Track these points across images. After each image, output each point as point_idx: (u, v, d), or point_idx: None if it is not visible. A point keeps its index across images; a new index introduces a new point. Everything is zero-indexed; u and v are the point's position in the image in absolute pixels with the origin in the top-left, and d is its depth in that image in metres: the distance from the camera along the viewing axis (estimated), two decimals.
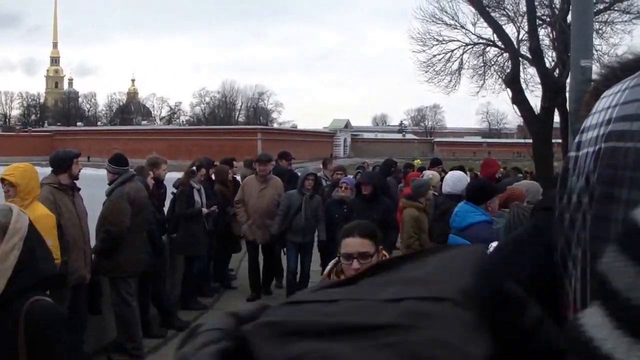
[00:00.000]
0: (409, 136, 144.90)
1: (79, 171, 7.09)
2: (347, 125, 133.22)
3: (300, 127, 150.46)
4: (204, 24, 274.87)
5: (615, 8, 20.10)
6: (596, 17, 17.76)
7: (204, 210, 9.93)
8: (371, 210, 8.78)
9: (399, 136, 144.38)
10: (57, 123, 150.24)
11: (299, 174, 11.07)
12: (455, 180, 7.97)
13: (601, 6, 19.35)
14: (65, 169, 6.87)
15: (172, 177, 10.53)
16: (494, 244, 3.43)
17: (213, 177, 11.32)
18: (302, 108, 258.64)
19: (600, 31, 20.53)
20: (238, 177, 12.82)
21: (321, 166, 14.11)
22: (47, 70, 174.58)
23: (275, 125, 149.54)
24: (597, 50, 19.89)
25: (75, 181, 7.06)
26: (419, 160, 24.44)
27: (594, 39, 11.46)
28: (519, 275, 1.06)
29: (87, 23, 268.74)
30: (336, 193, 10.24)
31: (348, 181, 10.43)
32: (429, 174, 11.76)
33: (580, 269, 0.95)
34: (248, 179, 11.07)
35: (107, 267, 7.54)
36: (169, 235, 9.83)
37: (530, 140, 21.26)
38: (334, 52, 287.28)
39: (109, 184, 7.76)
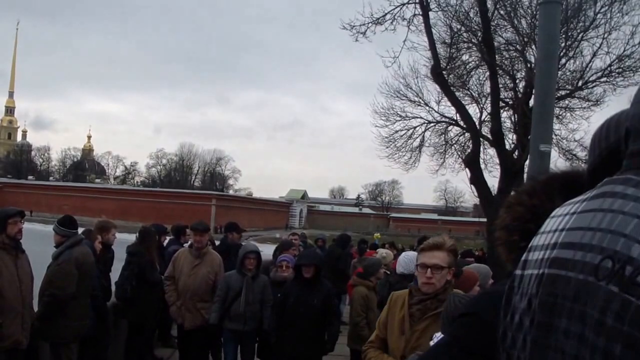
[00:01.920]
0: (366, 210, 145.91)
1: (19, 231, 6.76)
2: (304, 196, 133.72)
3: (256, 195, 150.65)
4: (166, 85, 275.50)
5: (576, 95, 20.47)
6: (557, 102, 18.06)
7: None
8: (312, 294, 7.84)
9: (355, 210, 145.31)
10: (7, 175, 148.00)
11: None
12: (408, 260, 7.82)
13: (563, 92, 19.69)
14: (1, 229, 6.58)
15: (123, 238, 10.21)
16: (438, 334, 3.29)
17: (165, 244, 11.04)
18: (259, 176, 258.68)
19: (560, 116, 20.97)
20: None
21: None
22: (1, 120, 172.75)
23: (232, 192, 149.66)
24: (556, 135, 20.23)
25: (18, 241, 6.74)
26: (377, 234, 24.32)
27: (554, 124, 11.54)
28: None
29: (46, 75, 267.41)
30: (275, 273, 8.91)
31: (289, 259, 8.96)
32: (382, 252, 11.80)
33: None
34: (181, 251, 9.52)
35: (48, 332, 7.28)
36: (124, 300, 9.35)
37: (485, 220, 21.39)
38: (296, 122, 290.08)
39: (55, 246, 7.51)
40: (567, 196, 1.27)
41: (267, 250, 10.80)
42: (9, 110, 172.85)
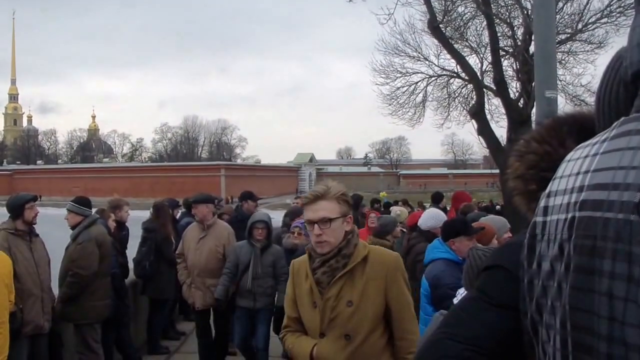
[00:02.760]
0: (375, 169, 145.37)
1: (35, 215, 6.86)
2: (312, 159, 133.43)
3: (265, 162, 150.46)
4: (166, 58, 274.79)
5: (577, 38, 20.28)
6: (558, 47, 17.89)
7: None
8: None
9: (364, 169, 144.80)
10: (16, 161, 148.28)
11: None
12: (428, 217, 7.84)
13: (563, 37, 19.50)
14: (18, 215, 6.69)
15: (135, 216, 10.27)
16: (461, 291, 3.29)
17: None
18: (266, 143, 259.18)
19: (564, 61, 20.80)
20: None
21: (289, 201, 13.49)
22: (6, 108, 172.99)
23: (239, 161, 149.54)
24: (560, 81, 20.09)
25: (33, 225, 6.84)
26: (384, 192, 24.36)
27: (557, 69, 11.47)
28: (478, 342, 1.19)
29: (46, 59, 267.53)
30: (287, 240, 8.27)
31: (302, 225, 7.96)
32: (396, 209, 11.74)
33: (560, 340, 0.98)
34: (190, 226, 9.02)
35: (73, 313, 7.32)
36: (143, 277, 9.46)
37: (497, 171, 21.28)
38: (298, 86, 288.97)
39: (72, 228, 7.52)
40: (578, 139, 1.28)
41: (278, 218, 10.62)
42: (13, 98, 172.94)
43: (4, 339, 5.59)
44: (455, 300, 3.23)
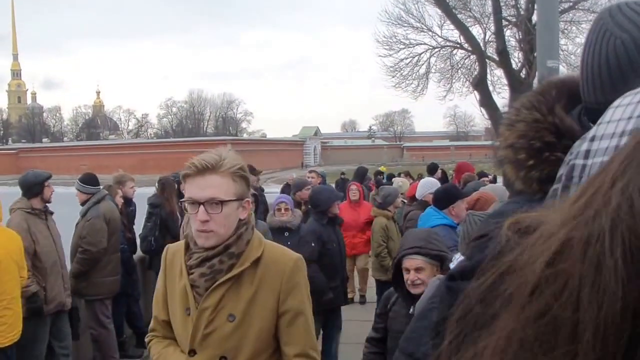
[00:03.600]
0: (378, 142, 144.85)
1: (52, 194, 6.89)
2: (317, 132, 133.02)
3: (270, 136, 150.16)
4: (169, 31, 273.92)
5: (580, 7, 20.22)
6: (561, 16, 17.86)
7: None
8: (338, 235, 7.38)
9: (368, 142, 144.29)
10: (21, 140, 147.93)
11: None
12: (422, 186, 7.98)
13: (566, 5, 19.44)
14: (36, 193, 6.67)
15: (142, 192, 10.31)
16: (457, 256, 3.34)
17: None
18: (271, 117, 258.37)
19: (566, 31, 20.73)
20: None
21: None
22: (9, 85, 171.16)
23: (245, 135, 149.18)
24: (563, 50, 20.06)
25: (47, 204, 6.87)
26: (384, 167, 24.32)
27: (559, 38, 11.47)
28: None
29: (47, 34, 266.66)
30: (272, 217, 7.62)
31: (287, 200, 7.82)
32: (398, 181, 11.83)
33: None
34: None
35: (83, 289, 7.42)
36: (150, 252, 9.55)
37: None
38: (303, 59, 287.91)
39: (81, 204, 7.60)
40: (568, 104, 1.31)
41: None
42: (15, 74, 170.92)
43: (16, 316, 5.68)
44: (452, 266, 3.29)
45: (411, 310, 4.06)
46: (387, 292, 4.55)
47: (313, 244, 6.97)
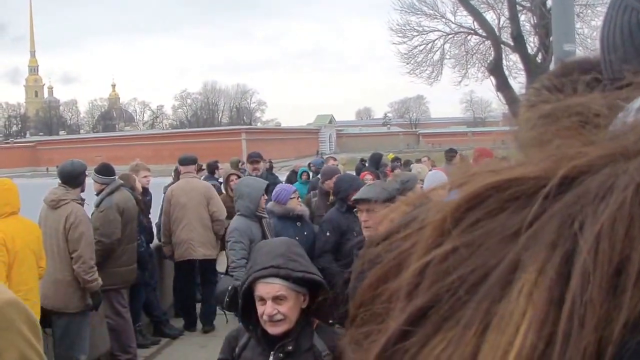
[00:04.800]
0: (394, 129, 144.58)
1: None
2: (331, 120, 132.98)
3: (284, 125, 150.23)
4: (182, 24, 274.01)
5: None
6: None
7: None
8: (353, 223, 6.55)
9: (383, 129, 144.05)
10: (39, 133, 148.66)
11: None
12: (429, 180, 7.70)
13: None
14: (80, 182, 6.75)
15: (158, 182, 10.37)
16: None
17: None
18: (285, 106, 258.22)
19: (581, 14, 20.56)
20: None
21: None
22: (26, 80, 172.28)
23: (259, 125, 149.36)
24: (578, 34, 19.92)
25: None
26: (391, 154, 24.31)
27: (575, 22, 11.40)
28: None
29: (64, 30, 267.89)
30: (283, 206, 7.06)
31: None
32: (417, 167, 11.71)
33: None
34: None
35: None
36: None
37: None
38: (317, 47, 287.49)
39: (97, 194, 7.65)
40: (588, 84, 1.24)
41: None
42: (33, 69, 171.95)
43: (34, 306, 5.62)
44: None
45: (271, 358, 3.03)
46: (234, 330, 3.42)
47: (328, 233, 6.83)
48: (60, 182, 6.72)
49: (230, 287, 6.15)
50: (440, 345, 0.40)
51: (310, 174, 12.78)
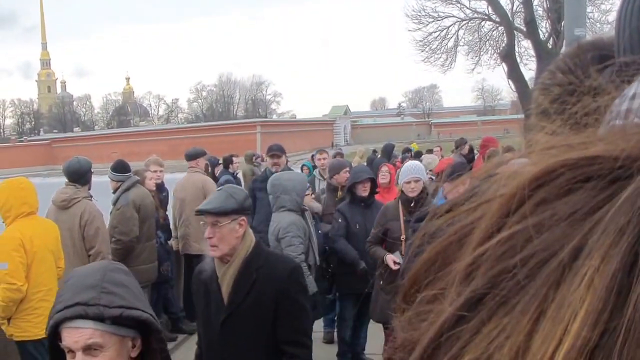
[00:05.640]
0: (407, 119, 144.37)
1: None
2: (346, 112, 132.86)
3: (300, 116, 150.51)
4: (197, 15, 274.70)
5: None
6: None
7: None
8: (372, 216, 6.85)
9: (397, 119, 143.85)
10: (53, 130, 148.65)
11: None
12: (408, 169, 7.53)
13: None
14: (87, 180, 6.77)
15: (174, 178, 10.37)
16: None
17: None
18: (300, 97, 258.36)
19: None
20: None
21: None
22: (38, 74, 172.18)
23: (275, 117, 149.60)
24: (589, 19, 19.84)
25: None
26: (415, 144, 24.40)
27: (586, 6, 11.35)
28: None
29: (76, 20, 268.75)
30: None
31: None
32: (427, 158, 11.67)
33: None
34: None
35: None
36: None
37: (523, 116, 21.30)
38: (331, 38, 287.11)
39: (113, 192, 7.65)
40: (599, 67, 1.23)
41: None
42: (45, 63, 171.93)
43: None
44: None
45: None
46: None
47: (340, 220, 6.98)
48: (67, 181, 6.73)
49: None
50: (494, 332, 0.39)
51: (311, 168, 12.71)
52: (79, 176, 6.67)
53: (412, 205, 6.21)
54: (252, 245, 3.83)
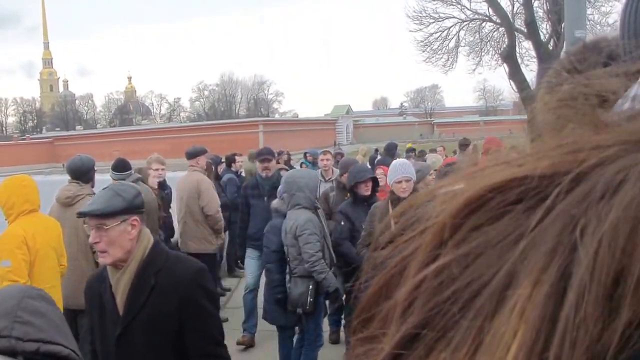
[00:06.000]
0: (410, 118, 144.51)
1: None
2: (348, 111, 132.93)
3: (302, 115, 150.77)
4: (198, 15, 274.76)
5: None
6: None
7: None
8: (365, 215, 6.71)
9: (399, 119, 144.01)
10: (55, 128, 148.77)
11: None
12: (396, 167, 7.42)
13: None
14: (90, 177, 6.79)
15: (176, 176, 10.41)
16: None
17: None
18: (303, 94, 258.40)
19: (592, 0, 20.62)
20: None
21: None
22: (41, 73, 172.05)
23: (277, 116, 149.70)
24: (589, 20, 19.90)
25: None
26: (410, 144, 24.45)
27: (586, 8, 11.40)
28: None
29: (77, 20, 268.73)
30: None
31: None
32: (432, 157, 11.63)
33: None
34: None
35: None
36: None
37: (525, 117, 21.37)
38: (332, 38, 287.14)
39: None
40: (605, 64, 1.26)
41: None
42: (47, 62, 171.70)
43: (59, 307, 5.78)
44: None
45: None
46: None
47: (342, 223, 6.89)
48: (70, 178, 6.74)
49: (310, 287, 6.21)
50: None
51: (309, 166, 12.70)
52: (81, 174, 6.68)
53: None
54: (149, 246, 3.38)
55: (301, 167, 12.13)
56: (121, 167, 7.87)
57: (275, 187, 7.62)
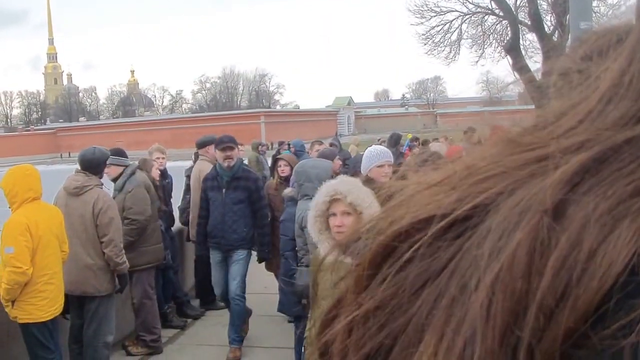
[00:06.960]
0: (412, 109, 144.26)
1: None
2: (350, 102, 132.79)
3: (303, 107, 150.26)
4: (198, 8, 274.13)
5: None
6: None
7: None
8: None
9: (402, 110, 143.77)
10: (59, 120, 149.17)
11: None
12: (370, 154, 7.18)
13: None
14: (101, 170, 6.83)
15: (178, 166, 10.44)
16: None
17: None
18: (304, 88, 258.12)
19: None
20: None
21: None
22: (45, 67, 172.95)
23: (278, 107, 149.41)
24: (595, 12, 19.83)
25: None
26: (409, 134, 24.42)
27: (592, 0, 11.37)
28: None
29: (81, 15, 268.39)
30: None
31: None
32: (435, 146, 11.67)
33: None
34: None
35: (132, 259, 7.25)
36: (187, 225, 9.66)
37: (532, 107, 21.31)
38: (334, 29, 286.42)
39: (113, 180, 7.67)
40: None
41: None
42: (52, 57, 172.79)
43: (57, 290, 5.84)
44: None
45: None
46: None
47: None
48: (79, 168, 6.74)
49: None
50: None
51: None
52: (91, 166, 6.68)
53: None
54: None
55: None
56: (117, 153, 7.78)
57: (236, 178, 7.48)
